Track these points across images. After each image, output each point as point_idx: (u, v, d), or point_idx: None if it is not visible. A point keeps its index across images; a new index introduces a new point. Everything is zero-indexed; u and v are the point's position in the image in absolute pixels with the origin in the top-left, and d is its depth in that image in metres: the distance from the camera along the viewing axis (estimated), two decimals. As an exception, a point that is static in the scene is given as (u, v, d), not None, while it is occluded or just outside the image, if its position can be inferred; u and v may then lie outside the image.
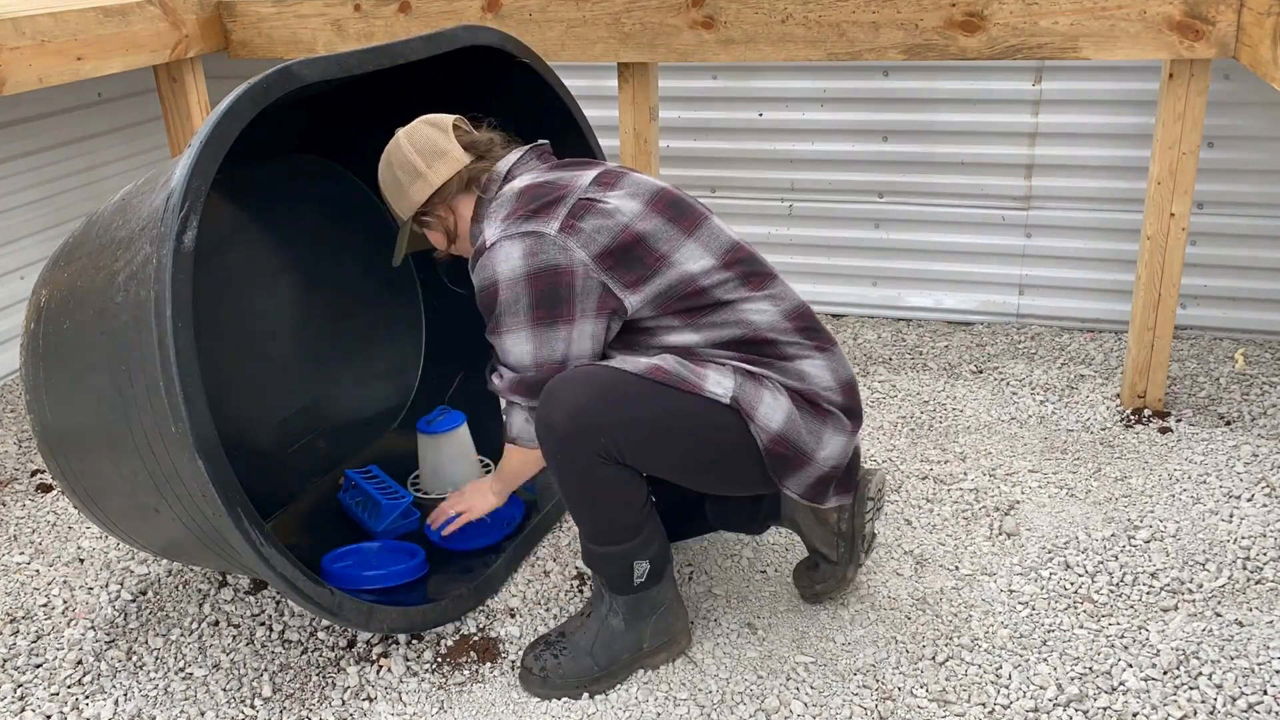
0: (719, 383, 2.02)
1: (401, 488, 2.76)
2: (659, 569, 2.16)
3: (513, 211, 2.07)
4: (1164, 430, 3.02)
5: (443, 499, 2.80)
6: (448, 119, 2.24)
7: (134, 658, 2.34)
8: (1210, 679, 2.11)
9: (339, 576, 2.43)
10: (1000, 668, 2.17)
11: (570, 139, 2.78)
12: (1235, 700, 2.06)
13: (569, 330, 2.03)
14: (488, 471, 2.91)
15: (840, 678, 2.17)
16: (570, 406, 1.97)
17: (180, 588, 2.56)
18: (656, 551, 2.14)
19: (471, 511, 2.42)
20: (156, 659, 2.33)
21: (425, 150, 2.19)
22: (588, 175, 2.13)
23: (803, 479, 2.09)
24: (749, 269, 2.11)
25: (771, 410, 2.03)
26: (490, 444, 2.89)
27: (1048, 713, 2.05)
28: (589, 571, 2.45)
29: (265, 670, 2.28)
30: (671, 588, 2.22)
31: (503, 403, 2.20)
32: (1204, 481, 2.76)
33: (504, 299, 2.02)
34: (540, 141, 2.27)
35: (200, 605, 2.49)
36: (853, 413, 2.16)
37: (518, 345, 2.04)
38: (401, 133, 2.24)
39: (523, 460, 2.23)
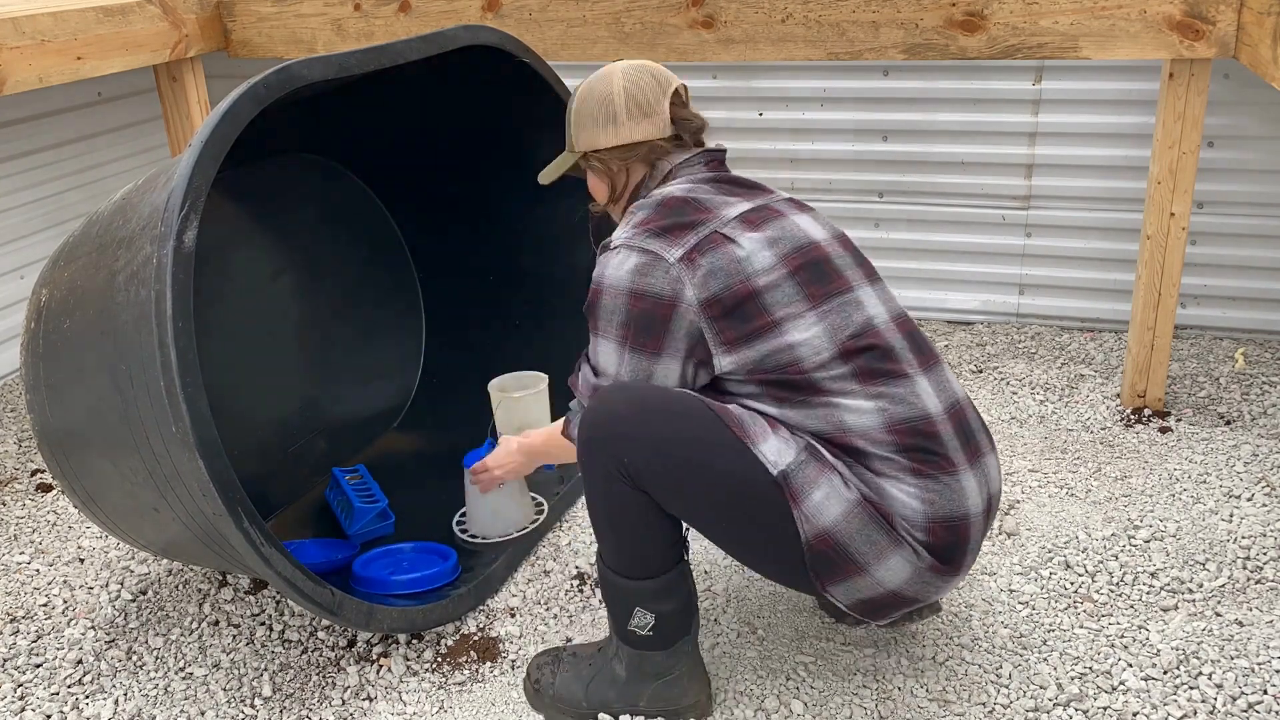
0: (777, 450, 1.80)
1: (380, 492, 2.74)
2: (669, 634, 1.98)
3: (646, 220, 1.92)
4: (1164, 430, 3.02)
5: (490, 542, 2.60)
6: (672, 80, 2.05)
7: (134, 657, 2.34)
8: (1210, 678, 2.11)
9: (369, 581, 2.41)
10: (1000, 667, 2.17)
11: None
12: (1235, 700, 2.06)
13: (653, 362, 1.89)
14: (540, 513, 2.70)
15: (840, 678, 2.17)
16: (604, 413, 1.87)
17: (180, 587, 2.56)
18: (670, 613, 1.96)
19: (504, 471, 2.39)
20: (156, 658, 2.33)
21: (635, 100, 2.00)
22: (738, 206, 1.93)
23: (852, 590, 1.84)
24: (873, 363, 1.84)
25: (827, 502, 1.78)
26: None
27: (1048, 712, 2.06)
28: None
29: (265, 670, 2.28)
30: (685, 662, 2.03)
31: (574, 401, 2.08)
32: (1204, 481, 2.76)
33: (605, 304, 1.91)
34: (717, 146, 2.09)
35: (200, 605, 2.49)
36: (940, 552, 1.82)
37: (607, 353, 1.93)
38: (621, 68, 2.04)
39: (563, 448, 2.14)
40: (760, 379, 1.85)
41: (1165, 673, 2.13)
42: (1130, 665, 2.16)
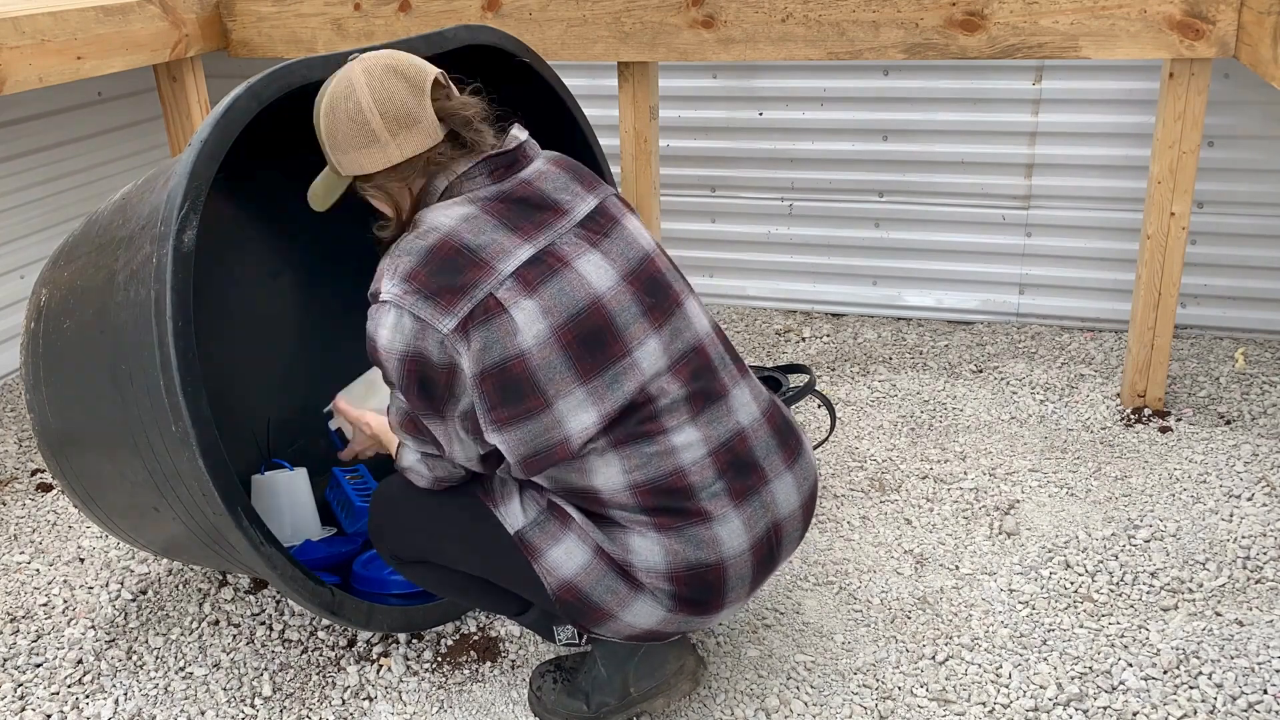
0: (515, 511, 1.86)
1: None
2: None
3: (414, 273, 1.73)
4: (1164, 430, 3.02)
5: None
6: (427, 73, 1.79)
7: (134, 657, 2.34)
8: (1210, 678, 2.11)
9: (369, 580, 2.41)
10: (1000, 667, 2.17)
11: (570, 139, 2.78)
12: (1235, 699, 2.06)
13: (443, 425, 1.83)
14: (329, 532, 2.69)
15: (840, 677, 2.17)
16: (372, 518, 2.02)
17: (180, 587, 2.56)
18: None
19: (358, 449, 2.26)
20: (157, 658, 2.33)
21: (392, 114, 1.74)
22: (517, 255, 1.75)
23: (612, 629, 1.85)
24: (633, 426, 1.78)
25: (566, 556, 1.81)
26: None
27: (1048, 712, 2.06)
28: None
29: (265, 670, 2.28)
30: None
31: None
32: (1204, 481, 2.76)
33: (385, 366, 1.78)
34: (501, 147, 1.84)
35: (200, 604, 2.49)
36: (689, 597, 1.81)
37: (403, 399, 1.84)
38: (361, 74, 1.76)
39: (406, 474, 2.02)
40: (530, 462, 1.78)
41: (1165, 672, 2.13)
42: (1130, 665, 2.16)
